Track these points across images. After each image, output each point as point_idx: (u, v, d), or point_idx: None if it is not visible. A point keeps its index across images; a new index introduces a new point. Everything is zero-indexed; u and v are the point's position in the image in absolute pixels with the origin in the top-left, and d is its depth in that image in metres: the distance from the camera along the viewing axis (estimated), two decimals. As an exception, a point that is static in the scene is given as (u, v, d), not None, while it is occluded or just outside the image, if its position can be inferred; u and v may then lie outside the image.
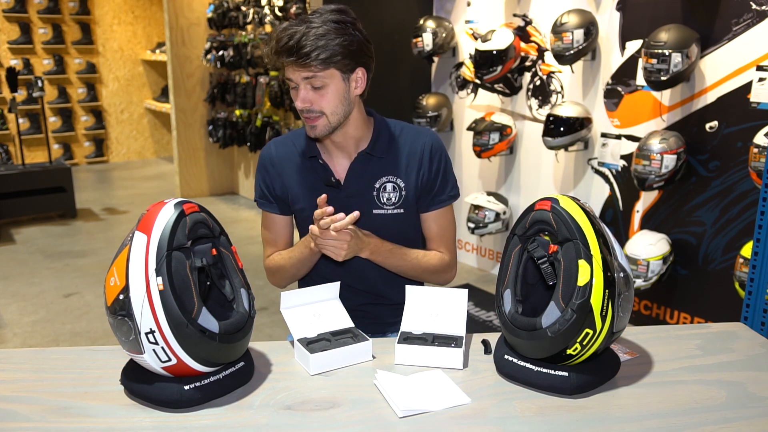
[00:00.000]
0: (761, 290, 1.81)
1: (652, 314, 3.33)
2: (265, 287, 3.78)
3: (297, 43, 1.37)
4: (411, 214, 1.59)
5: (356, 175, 1.54)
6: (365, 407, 1.15)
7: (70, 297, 3.82)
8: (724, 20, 2.83)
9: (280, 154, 1.59)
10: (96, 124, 7.71)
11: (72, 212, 5.46)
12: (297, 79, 1.42)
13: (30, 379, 1.24)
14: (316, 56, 1.37)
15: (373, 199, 1.54)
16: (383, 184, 1.54)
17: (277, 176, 1.58)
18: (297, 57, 1.38)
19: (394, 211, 1.55)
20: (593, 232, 1.17)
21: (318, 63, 1.38)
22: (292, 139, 1.60)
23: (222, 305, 1.23)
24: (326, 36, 1.38)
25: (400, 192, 1.55)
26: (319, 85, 1.42)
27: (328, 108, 1.44)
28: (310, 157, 1.56)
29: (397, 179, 1.55)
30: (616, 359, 1.28)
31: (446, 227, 1.63)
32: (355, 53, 1.43)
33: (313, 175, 1.56)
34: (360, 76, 1.47)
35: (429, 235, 1.62)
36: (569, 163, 3.68)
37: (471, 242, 4.43)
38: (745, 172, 2.83)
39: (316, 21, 1.39)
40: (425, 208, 1.59)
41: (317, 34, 1.37)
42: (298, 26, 1.39)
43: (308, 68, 1.39)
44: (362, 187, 1.54)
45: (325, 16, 1.40)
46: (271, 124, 5.47)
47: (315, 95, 1.43)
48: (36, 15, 7.09)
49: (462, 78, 4.26)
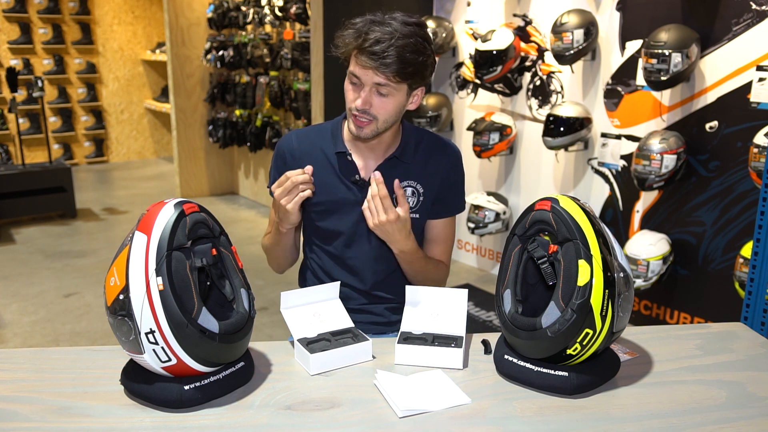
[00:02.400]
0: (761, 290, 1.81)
1: (652, 314, 3.33)
2: (265, 287, 3.79)
3: (383, 51, 1.34)
4: (423, 221, 1.61)
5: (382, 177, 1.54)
6: (365, 407, 1.15)
7: (70, 297, 3.82)
8: (724, 20, 2.83)
9: (303, 147, 1.58)
10: (96, 124, 7.71)
11: (72, 212, 5.46)
12: (366, 79, 1.40)
13: (30, 379, 1.24)
14: (398, 69, 1.36)
15: (392, 201, 1.55)
16: (404, 189, 1.55)
17: (297, 169, 1.58)
18: (380, 64, 1.36)
19: (411, 215, 1.56)
20: (593, 232, 1.17)
21: (397, 75, 1.37)
22: (317, 134, 1.60)
23: (222, 305, 1.23)
24: (410, 50, 1.36)
25: (419, 198, 1.57)
26: (386, 92, 1.41)
27: (383, 116, 1.44)
28: (337, 152, 1.55)
29: (418, 185, 1.57)
30: (616, 359, 1.28)
31: (449, 236, 1.66)
32: (427, 74, 1.43)
33: (335, 172, 1.56)
34: (419, 94, 1.49)
35: (432, 240, 1.64)
36: (569, 163, 3.68)
37: (471, 242, 4.43)
38: (745, 172, 2.83)
39: (404, 31, 1.36)
40: (435, 215, 1.61)
41: (403, 46, 1.35)
42: (384, 29, 1.35)
43: (385, 76, 1.38)
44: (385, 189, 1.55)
45: (410, 27, 1.37)
46: (271, 124, 5.47)
47: (377, 100, 1.42)
48: (36, 15, 7.09)
49: (462, 78, 4.26)
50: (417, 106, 1.52)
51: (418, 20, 1.41)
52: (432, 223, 1.62)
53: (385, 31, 1.36)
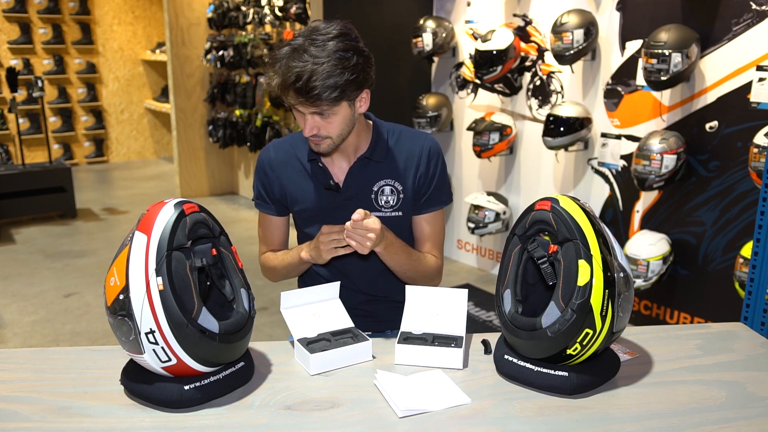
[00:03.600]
0: (761, 290, 1.81)
1: (652, 314, 3.33)
2: (265, 287, 3.79)
3: (306, 85, 1.32)
4: (408, 217, 1.60)
5: (355, 179, 1.55)
6: (365, 407, 1.15)
7: (70, 297, 3.82)
8: (724, 20, 2.83)
9: (279, 158, 1.59)
10: (96, 124, 7.71)
11: (72, 212, 5.46)
12: (303, 110, 1.41)
13: (30, 379, 1.24)
14: (326, 96, 1.35)
15: (371, 202, 1.55)
16: (381, 188, 1.55)
17: (276, 179, 1.59)
18: (306, 98, 1.35)
19: (392, 213, 1.56)
20: (593, 232, 1.17)
21: (328, 102, 1.36)
22: (291, 142, 1.60)
23: (222, 305, 1.23)
24: (334, 74, 1.33)
25: (398, 195, 1.56)
26: (327, 115, 1.41)
27: (335, 132, 1.44)
28: (309, 160, 1.56)
29: (395, 182, 1.56)
30: (616, 359, 1.28)
31: (438, 231, 1.64)
32: (362, 80, 1.40)
33: (313, 178, 1.57)
34: (364, 96, 1.47)
35: (421, 237, 1.63)
36: (569, 163, 3.68)
37: (471, 242, 4.43)
38: (745, 172, 2.83)
39: (321, 55, 1.33)
40: (418, 211, 1.60)
41: (325, 73, 1.32)
42: (302, 62, 1.32)
43: (317, 106, 1.38)
44: (361, 190, 1.55)
45: (329, 46, 1.34)
46: (271, 124, 5.47)
47: (322, 122, 1.42)
48: (36, 15, 7.09)
49: (462, 78, 4.26)
50: (368, 105, 1.49)
51: (339, 30, 1.37)
52: (419, 219, 1.61)
53: (304, 64, 1.32)
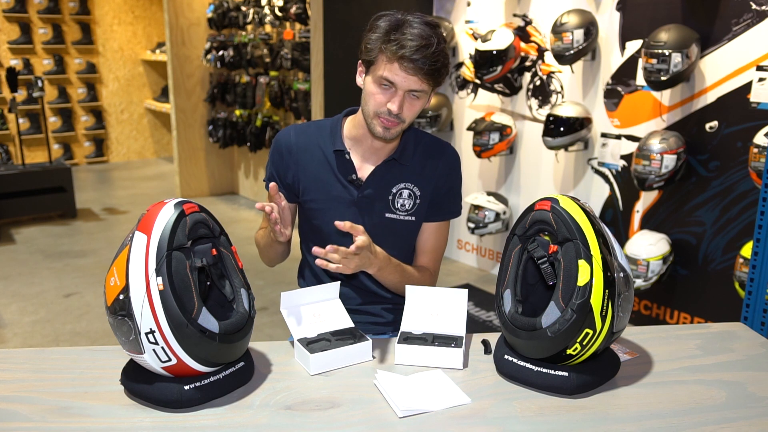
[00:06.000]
0: (761, 290, 1.81)
1: (652, 314, 3.33)
2: (265, 287, 3.79)
3: (425, 58, 1.33)
4: (420, 224, 1.60)
5: (378, 178, 1.54)
6: (365, 407, 1.15)
7: (70, 297, 3.82)
8: (724, 20, 2.83)
9: (300, 144, 1.56)
10: (96, 124, 7.71)
11: (72, 212, 5.46)
12: (403, 85, 1.38)
13: (30, 379, 1.24)
14: (438, 76, 1.37)
15: (388, 203, 1.55)
16: (400, 190, 1.55)
17: (293, 164, 1.56)
18: (427, 72, 1.35)
19: (406, 217, 1.56)
20: (593, 232, 1.17)
21: (435, 81, 1.38)
22: (316, 130, 1.58)
23: (222, 305, 1.23)
24: (443, 56, 1.36)
25: (415, 200, 1.56)
26: (418, 96, 1.41)
27: (410, 117, 1.44)
28: (335, 150, 1.54)
29: (415, 187, 1.55)
30: (616, 359, 1.28)
31: (441, 241, 1.64)
32: None
33: (333, 170, 1.54)
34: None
35: (423, 246, 1.62)
36: (569, 163, 3.68)
37: (471, 242, 4.43)
38: (745, 172, 2.83)
39: (435, 35, 1.35)
40: (427, 218, 1.60)
41: (439, 53, 1.35)
42: (428, 37, 1.34)
43: (427, 83, 1.38)
44: (380, 190, 1.54)
45: (438, 30, 1.37)
46: (271, 124, 5.47)
47: (408, 103, 1.41)
48: (36, 15, 7.09)
49: (462, 78, 4.26)
50: None
51: (435, 20, 1.41)
52: (426, 226, 1.61)
53: (422, 36, 1.34)
